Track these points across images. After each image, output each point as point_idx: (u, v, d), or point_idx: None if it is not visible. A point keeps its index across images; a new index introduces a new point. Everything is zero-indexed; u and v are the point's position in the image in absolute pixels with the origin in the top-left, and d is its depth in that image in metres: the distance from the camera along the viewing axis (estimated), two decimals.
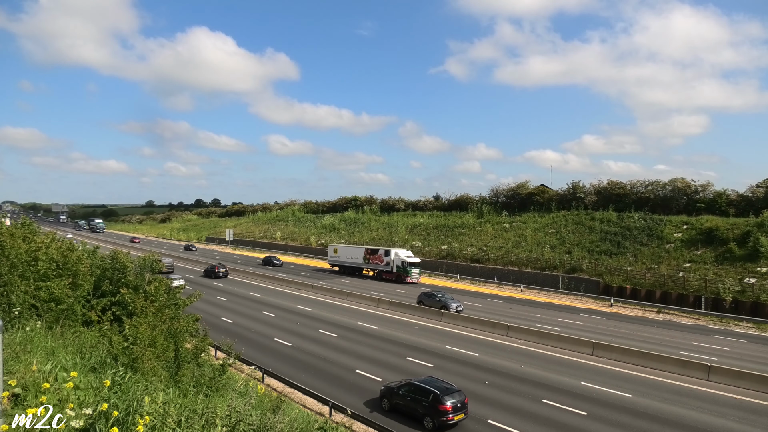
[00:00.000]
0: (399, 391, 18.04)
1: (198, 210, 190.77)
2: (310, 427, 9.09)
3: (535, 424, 17.02)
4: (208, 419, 5.05)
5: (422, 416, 17.06)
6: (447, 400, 16.72)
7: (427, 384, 17.80)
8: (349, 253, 60.94)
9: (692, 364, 23.15)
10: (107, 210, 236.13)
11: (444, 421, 16.54)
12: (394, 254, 54.75)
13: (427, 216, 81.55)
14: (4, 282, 11.12)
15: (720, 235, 46.93)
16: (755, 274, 41.01)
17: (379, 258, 56.25)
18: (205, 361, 13.67)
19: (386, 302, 39.14)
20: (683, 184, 58.29)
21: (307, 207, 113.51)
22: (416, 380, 18.48)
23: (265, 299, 41.67)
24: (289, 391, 19.94)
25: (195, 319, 13.68)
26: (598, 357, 25.49)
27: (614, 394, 19.97)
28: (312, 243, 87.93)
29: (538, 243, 59.66)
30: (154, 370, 9.47)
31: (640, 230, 53.95)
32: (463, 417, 17.02)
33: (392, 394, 18.21)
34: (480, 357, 25.23)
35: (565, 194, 67.58)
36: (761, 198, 51.74)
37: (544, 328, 31.74)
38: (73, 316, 12.25)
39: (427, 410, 16.90)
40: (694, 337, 31.59)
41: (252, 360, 22.74)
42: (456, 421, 16.73)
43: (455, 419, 16.67)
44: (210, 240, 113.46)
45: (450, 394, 17.04)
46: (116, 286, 16.07)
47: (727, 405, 19.04)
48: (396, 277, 53.79)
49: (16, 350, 6.62)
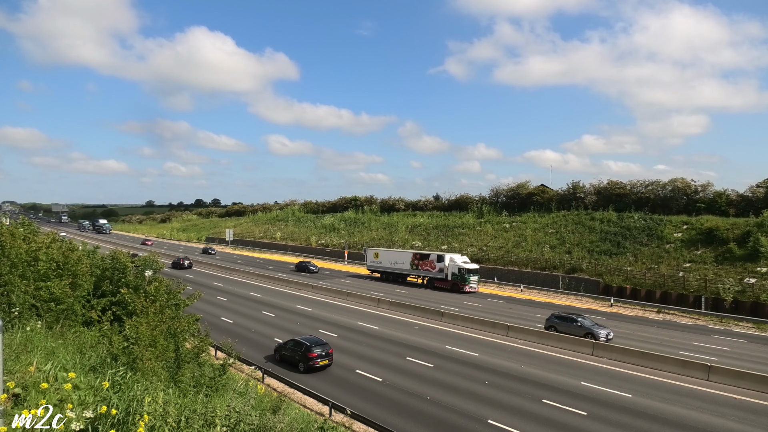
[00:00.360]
0: (285, 345, 23.81)
1: (198, 210, 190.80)
2: (310, 427, 9.09)
3: (535, 424, 17.02)
4: (208, 419, 5.06)
5: (298, 362, 22.51)
6: (314, 350, 22.35)
7: (303, 339, 23.64)
8: (393, 258, 55.95)
9: (692, 364, 23.16)
10: (107, 210, 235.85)
11: (311, 365, 22.08)
12: (448, 260, 49.67)
13: (427, 216, 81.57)
14: (5, 282, 11.13)
15: (720, 235, 46.93)
16: (755, 274, 41.01)
17: (430, 264, 51.27)
18: (205, 361, 13.67)
19: (386, 302, 39.13)
20: (683, 184, 58.30)
21: (307, 207, 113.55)
22: (297, 337, 24.25)
23: (265, 299, 41.68)
24: (289, 391, 19.95)
25: (195, 319, 13.68)
26: (598, 357, 25.50)
27: (614, 394, 19.97)
28: (312, 243, 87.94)
29: (538, 243, 59.67)
30: (154, 370, 9.47)
31: (640, 230, 53.96)
32: (328, 363, 22.65)
33: (281, 348, 23.94)
34: (480, 357, 25.23)
35: (565, 194, 67.59)
36: (761, 198, 51.74)
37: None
38: (73, 316, 12.26)
39: (301, 358, 22.44)
40: (694, 337, 31.59)
41: (252, 360, 22.74)
42: (321, 365, 22.32)
43: (320, 363, 22.30)
44: (210, 240, 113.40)
45: (317, 346, 22.65)
46: (116, 286, 16.08)
47: (727, 405, 19.04)
48: (452, 286, 48.73)
49: (17, 350, 6.62)
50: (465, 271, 48.01)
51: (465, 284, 47.85)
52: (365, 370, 22.65)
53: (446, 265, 49.50)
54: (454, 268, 48.75)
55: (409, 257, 53.99)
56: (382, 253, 57.88)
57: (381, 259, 57.03)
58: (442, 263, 49.93)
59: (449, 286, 48.95)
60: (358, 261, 72.67)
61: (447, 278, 49.28)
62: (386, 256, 56.93)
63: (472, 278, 48.04)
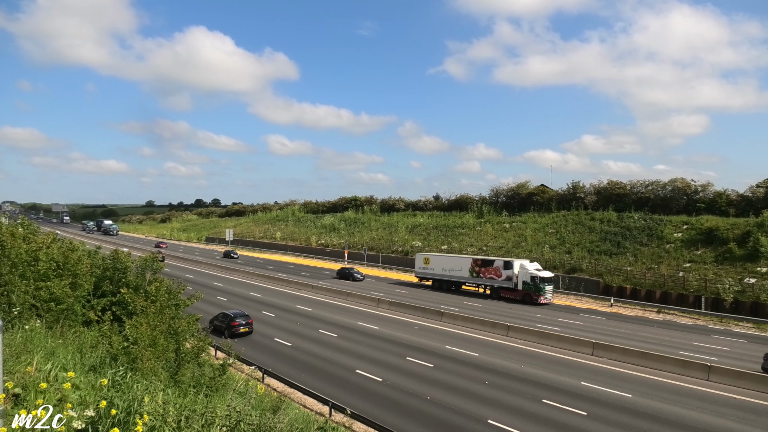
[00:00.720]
0: (217, 317, 29.00)
1: (198, 210, 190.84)
2: (310, 427, 9.11)
3: (535, 424, 17.02)
4: (207, 419, 5.06)
5: (224, 330, 27.33)
6: (237, 320, 28.08)
7: (230, 312, 29.54)
8: (447, 264, 50.57)
9: (692, 364, 23.16)
10: (107, 210, 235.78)
11: (233, 332, 27.27)
12: (518, 267, 43.98)
13: (427, 216, 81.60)
14: (5, 282, 11.13)
15: (720, 235, 46.95)
16: (755, 274, 41.02)
17: (494, 271, 45.74)
18: (205, 361, 13.67)
19: (386, 302, 39.14)
20: (683, 184, 58.33)
21: (307, 207, 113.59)
22: (225, 311, 30.20)
23: (265, 299, 41.69)
24: (289, 391, 19.95)
25: (195, 318, 13.69)
26: (598, 357, 25.50)
27: (614, 394, 19.97)
28: (312, 243, 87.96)
29: (538, 243, 59.68)
30: (154, 369, 9.47)
31: (640, 230, 53.98)
32: (248, 331, 28.27)
33: (214, 320, 28.70)
34: (480, 357, 25.24)
35: (565, 194, 67.64)
36: (761, 198, 51.77)
37: (544, 328, 31.75)
38: (73, 316, 12.26)
39: (226, 326, 27.59)
40: (694, 337, 31.60)
41: (252, 360, 22.75)
42: (242, 332, 27.78)
43: (241, 330, 27.85)
44: (210, 240, 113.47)
45: (240, 317, 28.40)
46: (117, 286, 16.07)
47: (727, 405, 19.05)
48: (522, 297, 43.09)
49: (17, 350, 6.63)
50: (539, 279, 42.28)
51: (540, 295, 42.04)
52: (365, 370, 22.66)
53: (515, 272, 43.91)
54: (526, 276, 43.07)
55: (467, 263, 48.58)
56: (433, 258, 52.46)
57: (432, 265, 51.77)
58: (510, 270, 44.32)
59: (519, 297, 43.38)
60: (358, 261, 72.69)
61: (516, 288, 43.75)
62: (439, 261, 51.62)
63: (547, 288, 42.39)
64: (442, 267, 50.89)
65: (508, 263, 45.00)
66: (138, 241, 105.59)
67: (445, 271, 50.59)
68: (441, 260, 51.69)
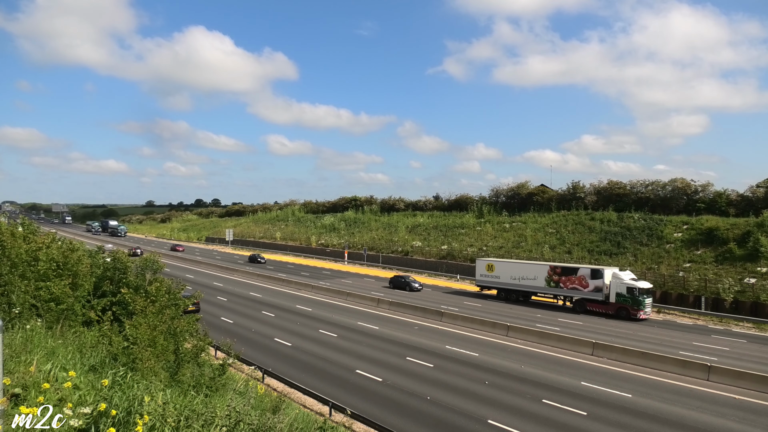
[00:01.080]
0: None
1: (198, 210, 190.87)
2: (310, 427, 9.10)
3: (535, 424, 17.02)
4: (207, 419, 5.06)
5: None
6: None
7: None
8: (516, 272, 44.90)
9: (692, 364, 23.16)
10: (107, 210, 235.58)
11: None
12: (610, 276, 38.55)
13: (427, 216, 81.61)
14: (5, 282, 11.14)
15: (720, 235, 46.96)
16: (755, 274, 41.02)
17: (579, 281, 40.11)
18: (205, 361, 13.67)
19: (386, 302, 39.15)
20: (683, 184, 58.35)
21: (307, 207, 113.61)
22: None
23: (265, 299, 41.70)
24: (289, 391, 19.94)
25: (195, 319, 13.69)
26: (598, 357, 25.51)
27: (614, 394, 19.97)
28: (312, 243, 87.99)
29: (538, 243, 59.69)
30: (154, 370, 9.48)
31: (640, 230, 53.99)
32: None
33: None
34: (480, 357, 25.24)
35: (565, 194, 67.67)
36: (761, 198, 51.77)
37: (544, 328, 31.76)
38: (73, 316, 12.26)
39: None
40: (694, 337, 31.60)
41: (252, 360, 22.73)
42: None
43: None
44: (210, 240, 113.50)
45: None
46: (117, 286, 16.08)
47: (727, 405, 19.04)
48: (616, 311, 37.56)
49: (17, 350, 6.63)
50: (638, 291, 36.85)
51: (639, 309, 36.76)
52: (365, 370, 22.66)
53: (606, 283, 38.45)
54: (620, 287, 37.58)
55: (543, 271, 42.94)
56: (499, 265, 46.63)
57: (498, 272, 46.05)
58: (600, 280, 38.79)
59: (612, 311, 37.88)
60: (358, 261, 72.73)
61: (607, 300, 38.33)
62: (506, 269, 45.86)
63: (647, 301, 37.26)
64: (509, 275, 45.22)
65: (597, 272, 39.56)
66: (148, 243, 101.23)
67: (513, 279, 44.97)
68: (509, 267, 45.96)
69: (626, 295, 37.26)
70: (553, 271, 42.29)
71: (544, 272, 42.82)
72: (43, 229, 33.09)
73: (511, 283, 45.04)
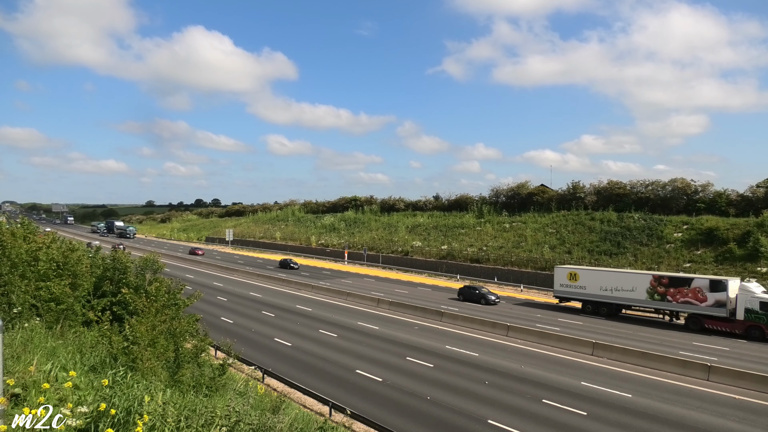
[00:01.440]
0: None
1: (198, 210, 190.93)
2: (310, 427, 9.10)
3: (535, 424, 17.03)
4: (207, 419, 5.06)
5: None
6: None
7: None
8: (608, 282, 38.85)
9: (692, 364, 23.17)
10: (107, 210, 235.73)
11: None
12: (735, 288, 33.05)
13: (427, 216, 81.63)
14: (5, 282, 11.14)
15: (720, 235, 47.00)
16: (755, 274, 41.01)
17: (692, 294, 34.47)
18: (205, 361, 13.67)
19: (386, 302, 39.15)
20: (683, 184, 58.38)
21: (307, 207, 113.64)
22: None
23: (265, 299, 41.71)
24: (289, 391, 19.95)
25: (195, 319, 13.69)
26: (598, 357, 25.51)
27: (614, 394, 19.98)
28: (312, 243, 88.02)
29: (538, 243, 59.71)
30: (154, 369, 9.48)
31: (640, 230, 54.01)
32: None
33: None
34: (480, 357, 25.24)
35: (565, 194, 67.69)
36: (761, 198, 51.80)
37: (544, 328, 31.76)
38: (73, 316, 12.26)
39: None
40: (694, 337, 31.61)
41: (252, 360, 22.74)
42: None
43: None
44: (210, 240, 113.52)
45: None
46: (117, 285, 16.08)
47: (727, 405, 19.05)
48: (746, 330, 31.85)
49: (17, 350, 6.63)
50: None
51: None
52: (365, 370, 22.67)
53: (730, 296, 32.79)
54: (751, 302, 31.73)
55: (643, 282, 37.19)
56: (584, 273, 40.73)
57: (583, 282, 40.08)
58: (722, 293, 33.13)
59: (741, 330, 32.07)
60: (358, 261, 72.75)
61: (733, 317, 32.57)
62: (594, 278, 39.80)
63: None
64: (599, 285, 39.31)
65: (718, 283, 33.80)
66: (160, 245, 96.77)
67: (604, 290, 38.96)
68: (598, 276, 39.90)
69: (759, 311, 31.39)
70: (658, 282, 36.55)
71: (646, 283, 37.12)
72: (46, 229, 33.08)
73: (601, 294, 39.07)
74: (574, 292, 40.89)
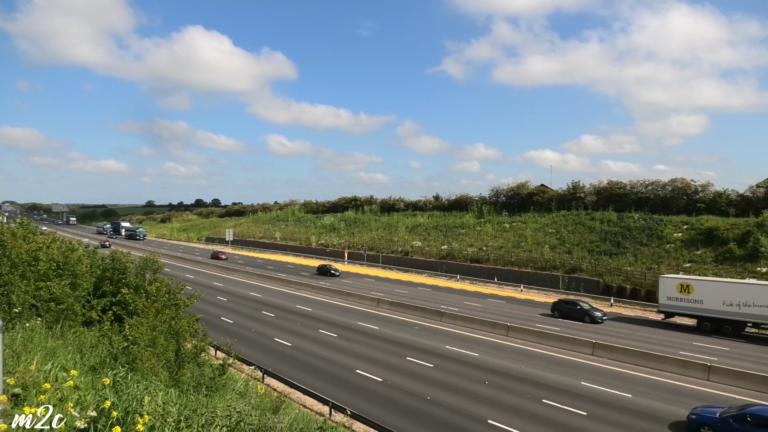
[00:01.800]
0: None
1: (198, 210, 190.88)
2: (310, 427, 9.10)
3: (535, 424, 17.03)
4: (207, 419, 5.07)
5: None
6: None
7: None
8: (730, 295, 32.70)
9: (692, 364, 23.18)
10: (107, 210, 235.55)
11: None
12: None
13: (427, 216, 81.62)
14: (5, 282, 11.14)
15: (720, 235, 46.97)
16: (755, 274, 41.01)
17: None
18: (205, 361, 13.67)
19: (386, 302, 39.14)
20: (683, 184, 58.37)
21: (307, 207, 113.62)
22: None
23: (265, 299, 41.70)
24: (289, 391, 19.96)
25: (195, 319, 13.68)
26: (598, 357, 25.51)
27: (614, 394, 19.98)
28: (312, 243, 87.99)
29: (538, 243, 59.70)
30: (154, 369, 9.48)
31: (640, 230, 53.99)
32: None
33: None
34: (480, 357, 25.24)
35: (565, 194, 67.66)
36: (761, 198, 51.79)
37: (544, 328, 31.76)
38: (73, 316, 12.26)
39: None
40: (694, 337, 31.61)
41: (252, 360, 22.75)
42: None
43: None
44: (210, 240, 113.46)
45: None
46: (117, 286, 16.08)
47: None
48: None
49: (17, 350, 6.63)
50: None
51: None
52: (365, 370, 22.67)
53: None
54: None
55: None
56: (701, 285, 34.61)
57: (699, 294, 34.00)
58: None
59: None
60: (358, 261, 72.72)
61: None
62: (714, 290, 33.63)
63: None
64: (720, 299, 33.05)
65: None
66: (173, 248, 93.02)
67: (728, 305, 32.71)
68: (719, 289, 33.63)
69: None
70: None
71: None
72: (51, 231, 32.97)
73: (724, 310, 32.94)
74: (688, 307, 34.77)
